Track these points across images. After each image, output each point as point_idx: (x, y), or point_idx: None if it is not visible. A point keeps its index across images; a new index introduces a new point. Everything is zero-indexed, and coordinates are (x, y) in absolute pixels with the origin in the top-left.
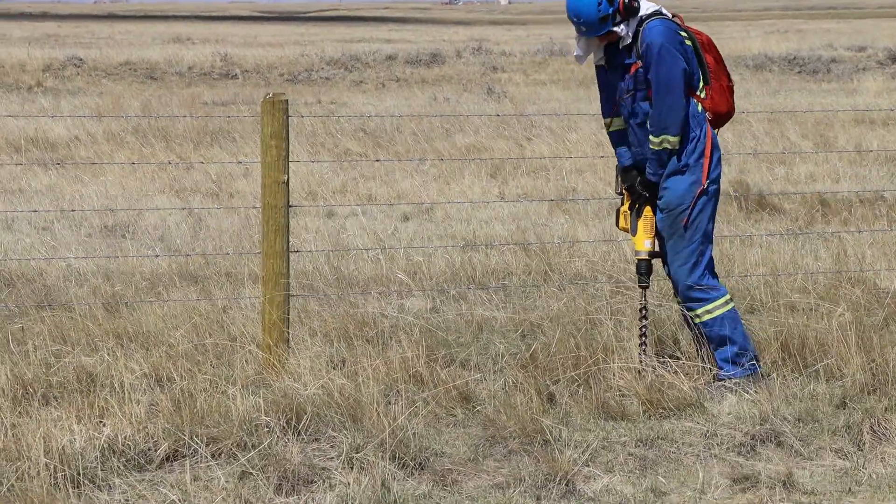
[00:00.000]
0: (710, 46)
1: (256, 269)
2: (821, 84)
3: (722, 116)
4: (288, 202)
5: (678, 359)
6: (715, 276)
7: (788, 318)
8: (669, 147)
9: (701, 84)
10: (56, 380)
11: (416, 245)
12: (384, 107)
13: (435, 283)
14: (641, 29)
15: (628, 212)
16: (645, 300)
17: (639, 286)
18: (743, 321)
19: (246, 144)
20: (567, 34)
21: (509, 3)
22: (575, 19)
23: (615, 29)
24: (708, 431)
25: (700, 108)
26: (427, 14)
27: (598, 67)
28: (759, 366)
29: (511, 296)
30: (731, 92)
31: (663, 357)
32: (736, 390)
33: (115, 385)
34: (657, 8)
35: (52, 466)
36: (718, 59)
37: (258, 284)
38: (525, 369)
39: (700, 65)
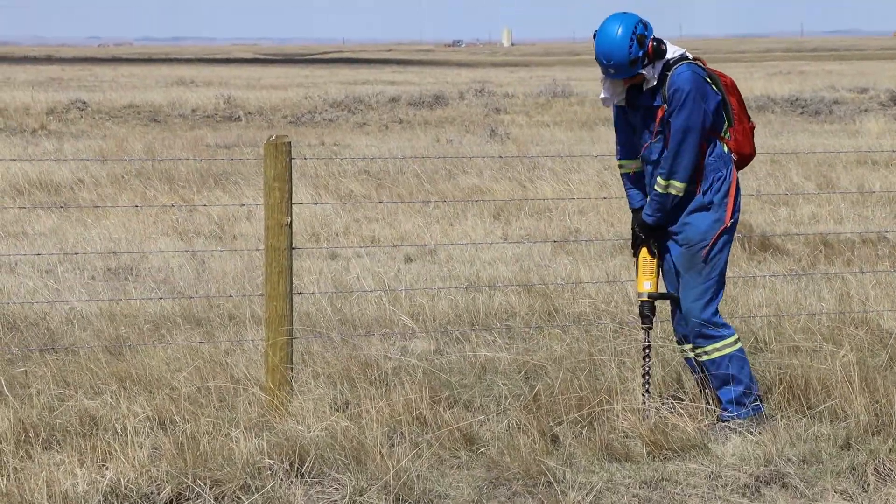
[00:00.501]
0: (734, 89)
1: (259, 311)
2: (823, 125)
3: (745, 158)
4: (291, 244)
5: (681, 400)
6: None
7: (792, 359)
8: (674, 193)
9: (725, 126)
10: (59, 423)
11: (420, 287)
12: (387, 148)
13: (438, 324)
14: (669, 73)
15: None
16: (648, 341)
17: (641, 327)
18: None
19: (249, 187)
20: (569, 76)
21: (512, 45)
22: (605, 62)
23: (643, 71)
24: (712, 473)
25: (726, 148)
26: (430, 56)
27: (617, 108)
28: (763, 407)
29: (514, 337)
30: (752, 133)
31: (666, 398)
32: (740, 431)
33: (118, 428)
34: (683, 52)
35: None
36: (741, 102)
37: (261, 327)
38: (528, 411)
39: (724, 107)
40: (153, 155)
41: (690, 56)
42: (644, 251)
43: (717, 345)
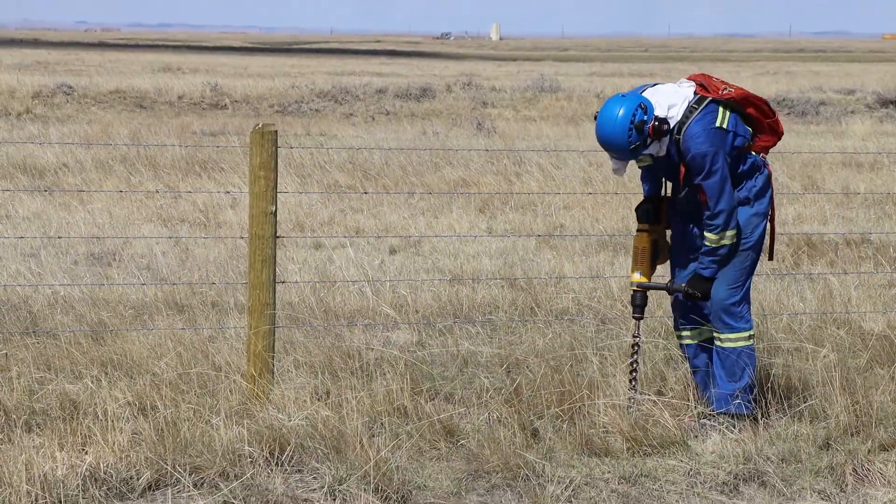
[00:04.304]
0: (746, 100)
1: (242, 298)
2: (809, 126)
3: (774, 144)
4: (275, 233)
5: (663, 395)
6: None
7: (774, 359)
8: (728, 243)
9: (749, 137)
10: (39, 407)
11: (403, 278)
12: (373, 139)
13: (421, 316)
14: (680, 137)
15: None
16: (638, 333)
17: (633, 316)
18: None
19: (234, 174)
20: (557, 71)
21: (501, 38)
22: (605, 148)
23: (648, 151)
24: (691, 470)
25: (754, 154)
26: (418, 48)
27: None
28: (753, 409)
29: (497, 330)
30: (776, 124)
31: (648, 394)
32: (720, 429)
33: (99, 413)
34: (686, 100)
35: (33, 494)
36: (758, 105)
37: (244, 314)
38: (509, 404)
39: (746, 122)
40: (138, 141)
41: (693, 96)
42: (638, 238)
43: (732, 335)
